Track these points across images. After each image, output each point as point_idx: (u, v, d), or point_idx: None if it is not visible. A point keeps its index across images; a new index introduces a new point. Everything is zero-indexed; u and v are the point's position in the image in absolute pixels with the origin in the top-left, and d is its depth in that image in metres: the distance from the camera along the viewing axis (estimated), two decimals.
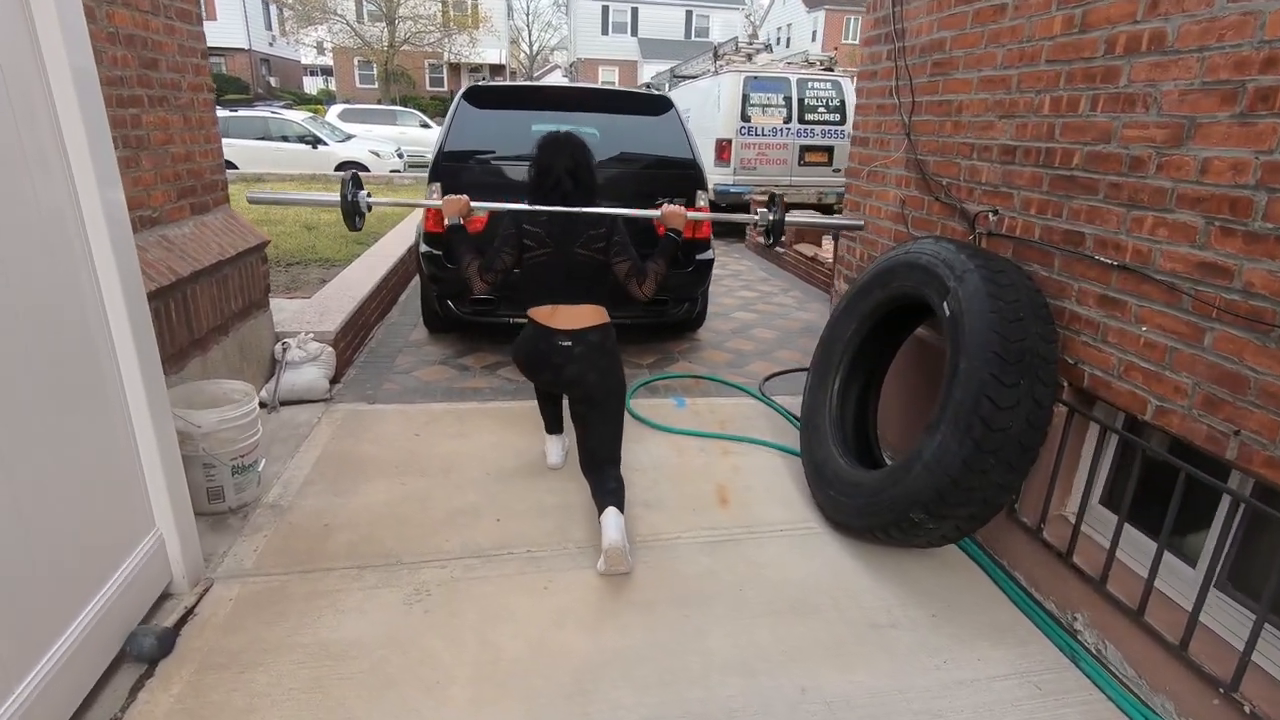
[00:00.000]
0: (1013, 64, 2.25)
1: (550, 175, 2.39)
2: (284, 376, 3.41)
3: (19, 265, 1.49)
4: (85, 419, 1.72)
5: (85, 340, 1.72)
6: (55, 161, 1.64)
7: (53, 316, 1.60)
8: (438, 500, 2.63)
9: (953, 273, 2.14)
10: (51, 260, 1.61)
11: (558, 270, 2.39)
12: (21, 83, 1.54)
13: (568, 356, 2.39)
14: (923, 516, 2.06)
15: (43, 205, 1.59)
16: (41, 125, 1.60)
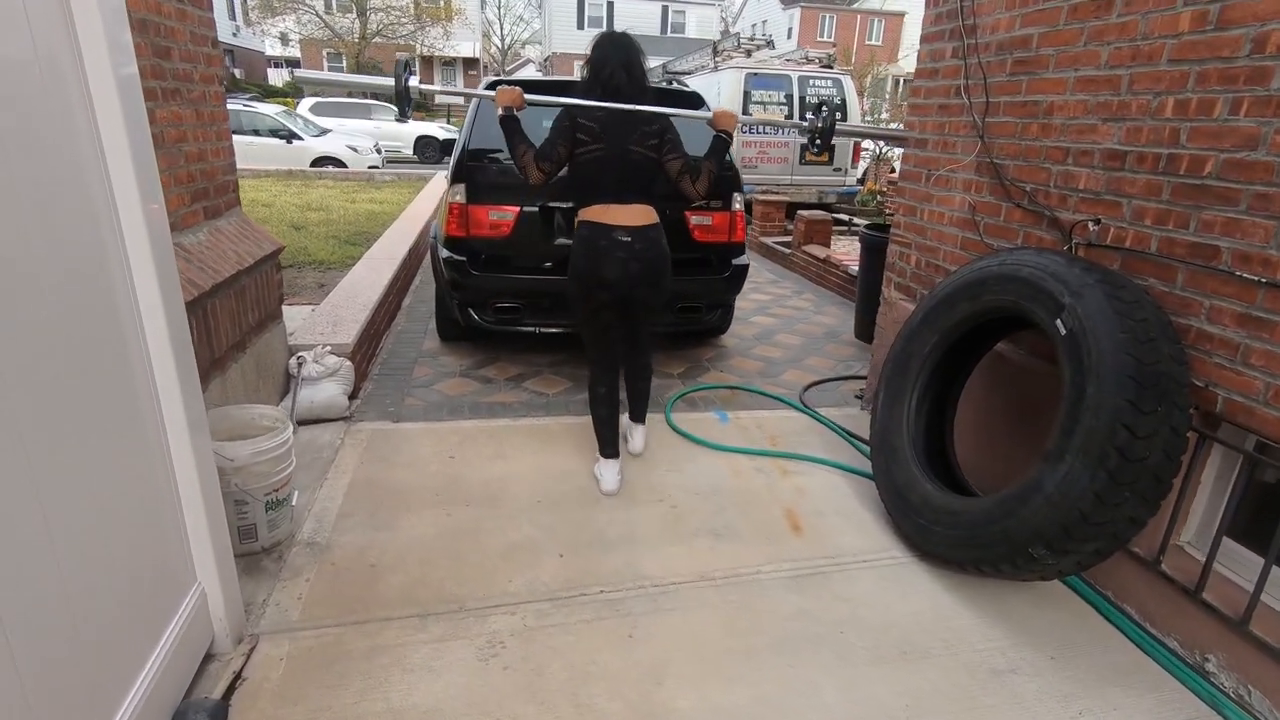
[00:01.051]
0: (1122, 63, 2.10)
1: (605, 68, 2.49)
2: (301, 393, 3.15)
3: (52, 280, 1.25)
4: (123, 458, 1.47)
5: (123, 366, 1.48)
6: (93, 168, 1.39)
7: (87, 340, 1.36)
8: (490, 533, 2.41)
9: (1067, 288, 1.99)
10: (86, 276, 1.37)
11: (612, 167, 2.48)
12: (58, 80, 1.29)
13: (630, 252, 2.48)
14: (1043, 552, 1.90)
15: (78, 213, 1.35)
16: (80, 128, 1.35)
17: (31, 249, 1.20)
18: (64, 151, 1.31)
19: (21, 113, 1.19)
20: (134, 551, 1.48)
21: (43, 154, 1.24)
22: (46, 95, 1.25)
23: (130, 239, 1.49)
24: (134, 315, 1.53)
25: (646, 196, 2.53)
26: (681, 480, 2.82)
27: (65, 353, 1.27)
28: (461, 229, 3.55)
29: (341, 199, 9.00)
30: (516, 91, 2.54)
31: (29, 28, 1.21)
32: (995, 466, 2.64)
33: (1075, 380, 1.90)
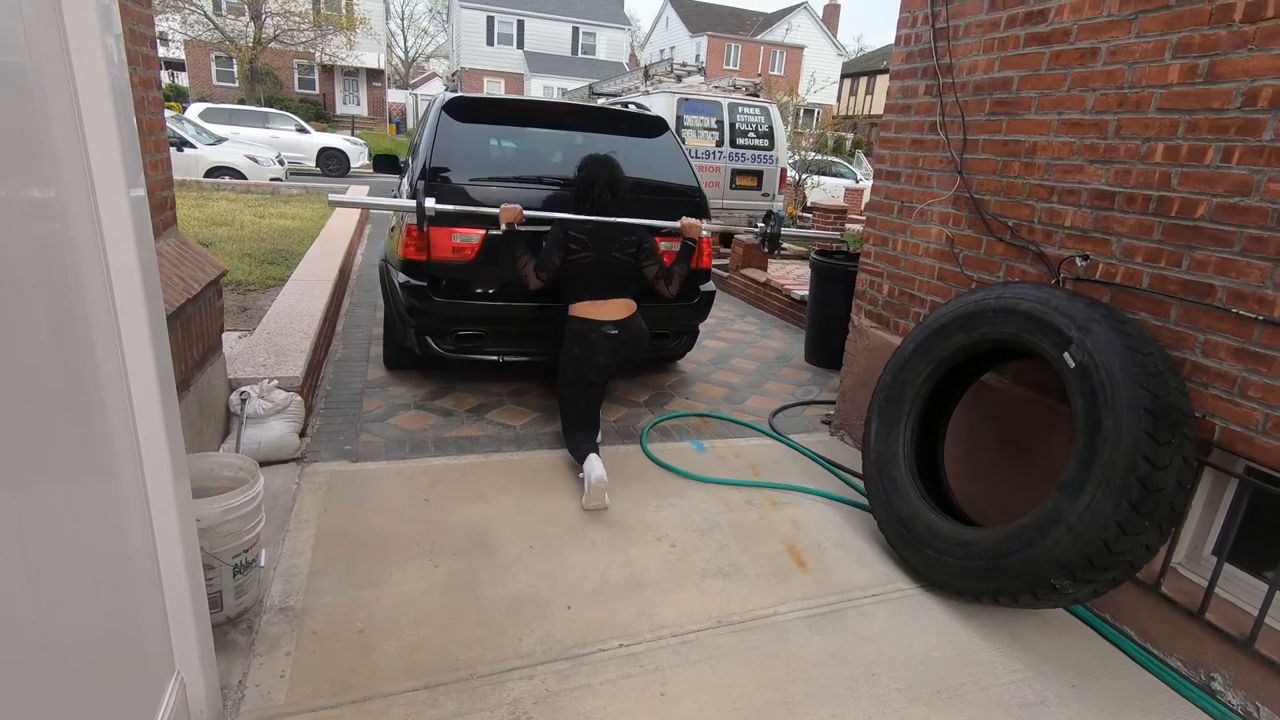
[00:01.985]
0: (1109, 109, 2.22)
1: (595, 188, 2.99)
2: (246, 433, 2.83)
3: (22, 291, 1.01)
4: (96, 511, 1.22)
5: (96, 393, 1.23)
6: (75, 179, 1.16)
7: (55, 359, 1.11)
8: (487, 585, 2.22)
9: (1073, 322, 2.05)
10: (62, 289, 1.13)
11: (598, 271, 2.96)
12: (49, 74, 1.06)
13: (618, 342, 2.95)
14: (1066, 582, 1.94)
15: (58, 224, 1.12)
16: (65, 125, 1.12)
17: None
18: (45, 153, 1.08)
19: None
20: (107, 636, 1.22)
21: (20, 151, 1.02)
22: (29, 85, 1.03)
23: (112, 243, 1.25)
24: (112, 331, 1.28)
25: (627, 292, 3.02)
26: (675, 517, 2.72)
27: (26, 375, 1.02)
28: (421, 253, 3.32)
29: (248, 213, 8.36)
30: (517, 209, 3.00)
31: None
32: (981, 493, 2.71)
33: (1090, 412, 1.95)
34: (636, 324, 3.01)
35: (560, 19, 34.23)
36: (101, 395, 1.24)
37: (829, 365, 4.76)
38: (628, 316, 2.97)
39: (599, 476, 2.67)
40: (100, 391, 1.24)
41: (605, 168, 3.01)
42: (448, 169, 3.38)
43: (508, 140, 3.81)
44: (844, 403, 3.60)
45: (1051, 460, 2.45)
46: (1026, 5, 2.50)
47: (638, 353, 3.07)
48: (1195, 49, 1.97)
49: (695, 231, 3.20)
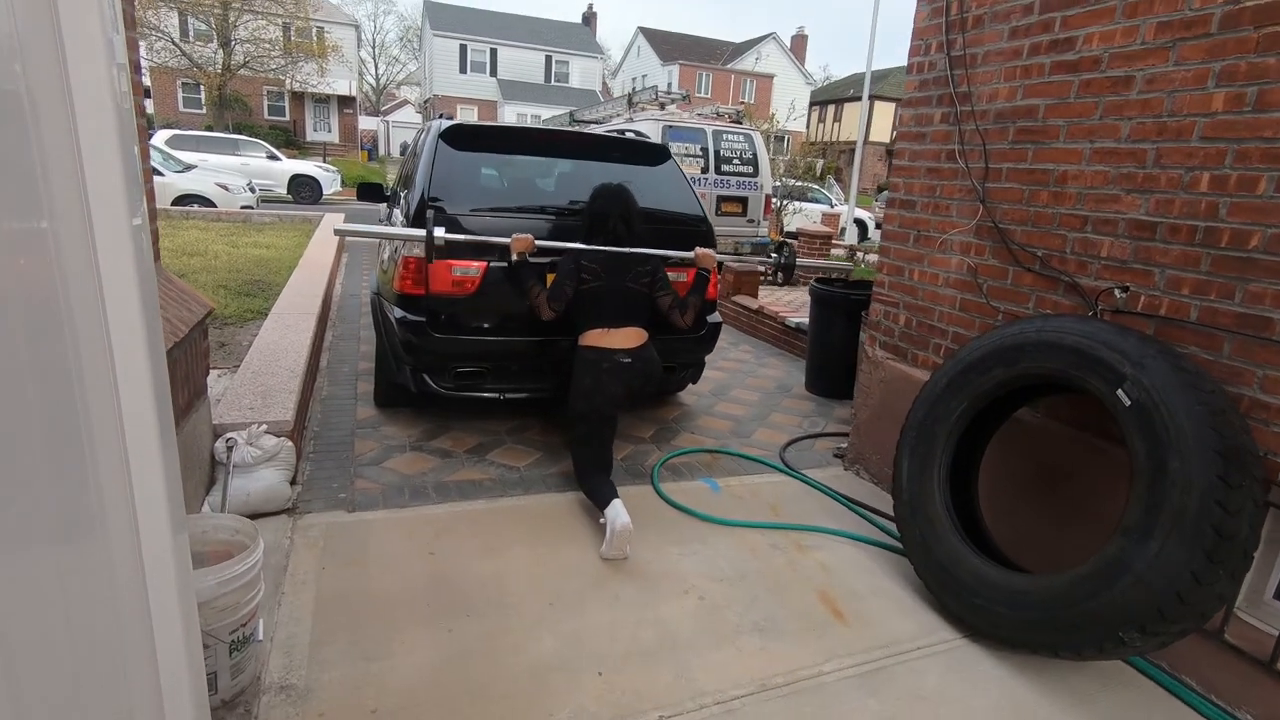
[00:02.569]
0: (1147, 137, 2.16)
1: (608, 220, 2.96)
2: (233, 484, 2.61)
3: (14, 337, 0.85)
4: (84, 577, 1.03)
5: (91, 465, 1.05)
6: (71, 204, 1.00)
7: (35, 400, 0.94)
8: (508, 651, 2.04)
9: (1126, 358, 1.97)
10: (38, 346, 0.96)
11: (611, 299, 2.90)
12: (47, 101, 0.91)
13: (632, 371, 2.87)
14: (1134, 635, 1.82)
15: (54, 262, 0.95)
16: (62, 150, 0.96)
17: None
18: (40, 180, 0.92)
19: None
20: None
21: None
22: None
23: (109, 280, 1.08)
24: (106, 371, 1.10)
25: (640, 321, 2.94)
26: (700, 565, 2.57)
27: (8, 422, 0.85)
28: (419, 286, 3.15)
29: (221, 242, 8.09)
30: (528, 239, 2.95)
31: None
32: (1014, 532, 2.60)
33: (1152, 454, 1.86)
34: (650, 353, 2.94)
35: (533, 47, 34.51)
36: (95, 447, 1.07)
37: (831, 395, 4.67)
38: (641, 345, 2.90)
39: (624, 524, 2.52)
40: (94, 444, 1.06)
41: (619, 200, 2.98)
42: (447, 200, 3.23)
43: (508, 169, 3.68)
44: (858, 436, 3.49)
45: (1093, 499, 2.36)
46: (1051, 33, 2.45)
47: (652, 383, 3.00)
48: (1241, 77, 1.92)
49: (709, 261, 3.16)
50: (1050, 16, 2.45)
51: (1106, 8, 2.27)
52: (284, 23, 25.38)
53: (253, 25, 24.37)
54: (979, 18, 2.73)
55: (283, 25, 25.49)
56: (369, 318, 5.84)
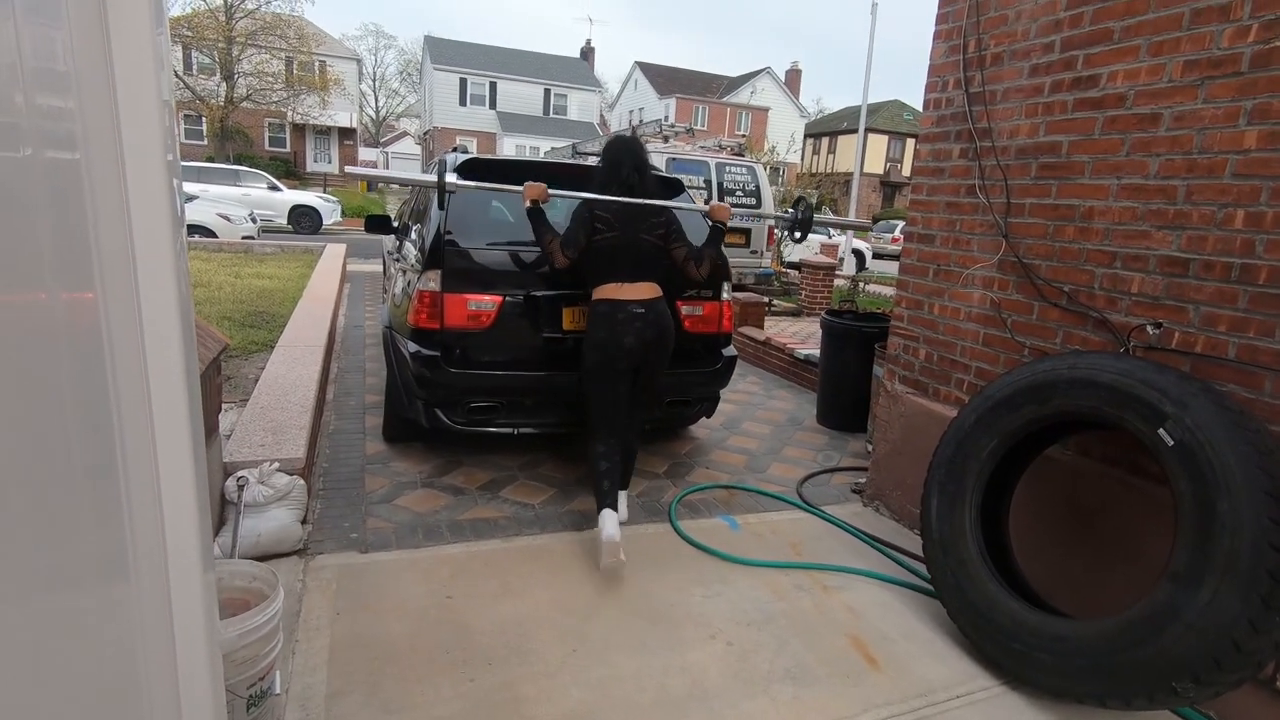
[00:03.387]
0: (1176, 174, 2.15)
1: (621, 169, 2.89)
2: (244, 524, 2.54)
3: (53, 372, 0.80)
4: (120, 645, 0.96)
5: (113, 496, 0.98)
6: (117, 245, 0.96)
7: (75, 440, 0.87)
8: (533, 702, 1.95)
9: (1165, 396, 1.93)
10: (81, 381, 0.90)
11: (625, 252, 2.83)
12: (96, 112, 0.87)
13: (645, 321, 2.80)
14: (1188, 685, 1.76)
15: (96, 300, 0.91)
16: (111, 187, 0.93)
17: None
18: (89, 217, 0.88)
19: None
20: None
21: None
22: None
23: (149, 312, 1.04)
24: (142, 406, 1.04)
25: (654, 276, 2.88)
26: (725, 608, 2.49)
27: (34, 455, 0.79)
28: (434, 320, 3.12)
29: (223, 273, 8.05)
30: (541, 187, 2.87)
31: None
32: (1045, 572, 2.53)
33: (1199, 495, 1.81)
34: (664, 309, 2.88)
35: (532, 81, 35.03)
36: (131, 491, 1.01)
37: (844, 428, 4.62)
38: (655, 298, 2.84)
39: (608, 537, 2.54)
40: (130, 487, 1.01)
41: (631, 149, 2.94)
42: (461, 233, 3.21)
43: (520, 202, 3.66)
44: (877, 472, 3.43)
45: (1128, 539, 2.30)
46: (1073, 71, 2.47)
47: (667, 340, 2.88)
48: (1275, 115, 1.92)
49: (724, 214, 3.02)
50: (1072, 55, 2.47)
51: (1130, 46, 2.28)
52: (287, 56, 25.75)
53: (256, 59, 24.72)
54: (998, 55, 2.75)
55: (285, 59, 25.87)
56: (374, 349, 5.80)
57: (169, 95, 1.09)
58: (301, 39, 25.28)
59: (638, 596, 2.52)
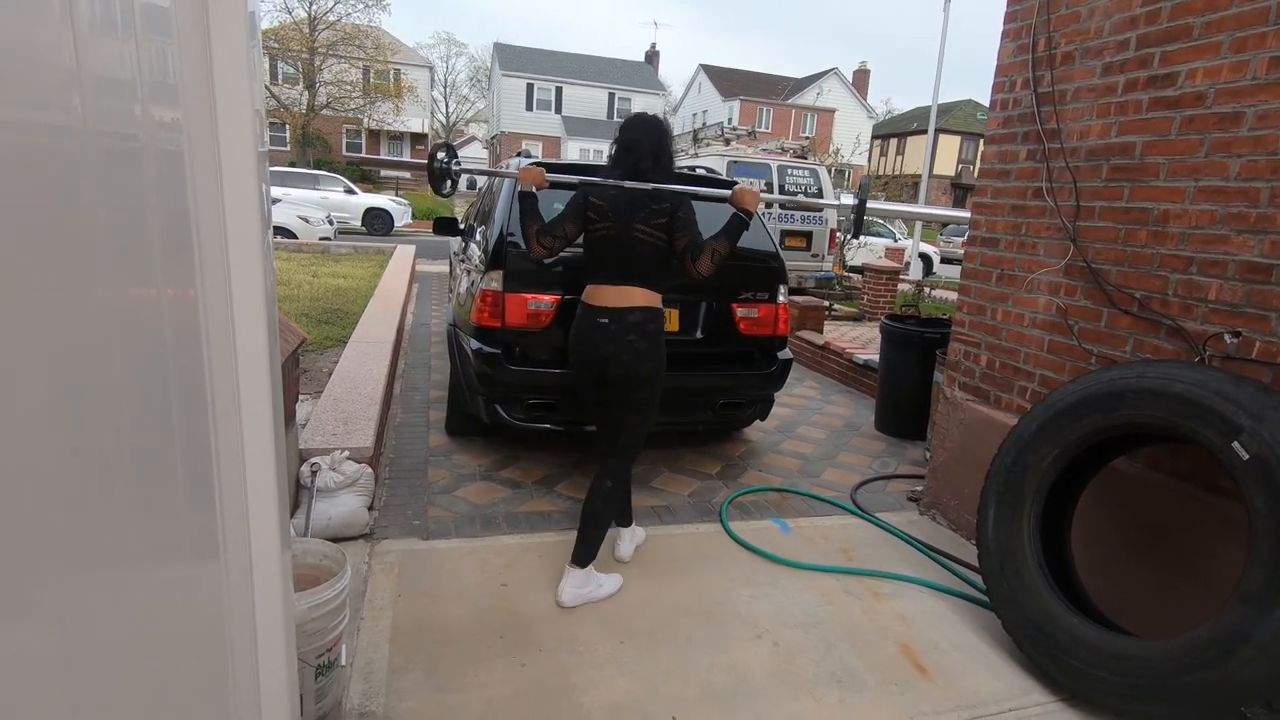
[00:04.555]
0: (1259, 176, 2.05)
1: (634, 152, 2.44)
2: (316, 508, 2.70)
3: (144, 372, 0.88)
4: (199, 592, 1.05)
5: (207, 476, 1.08)
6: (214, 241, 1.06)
7: (179, 423, 0.96)
8: (581, 689, 2.02)
9: (1241, 409, 1.85)
10: (184, 369, 1.00)
11: (613, 247, 2.42)
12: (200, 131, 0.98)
13: (604, 334, 2.38)
14: (1260, 711, 1.68)
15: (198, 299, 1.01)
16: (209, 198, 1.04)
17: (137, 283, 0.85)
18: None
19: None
20: None
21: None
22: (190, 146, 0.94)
23: (240, 306, 1.15)
24: (231, 388, 1.15)
25: (643, 279, 2.41)
26: (772, 609, 2.50)
27: (148, 439, 0.86)
28: (496, 319, 3.23)
29: (302, 273, 8.49)
30: (539, 171, 2.55)
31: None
32: (1108, 589, 2.44)
33: (1275, 512, 1.73)
34: (638, 321, 2.37)
35: (597, 85, 35.46)
36: (221, 472, 1.12)
37: (902, 435, 4.53)
38: (630, 308, 2.37)
39: (559, 602, 2.38)
40: (221, 468, 1.11)
41: (651, 130, 2.48)
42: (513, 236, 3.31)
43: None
44: (935, 480, 3.37)
45: (1200, 557, 2.20)
46: (1149, 69, 2.38)
47: (637, 358, 2.36)
48: None
49: (749, 200, 2.41)
50: (1148, 52, 2.38)
51: (1211, 43, 2.18)
52: (364, 65, 26.88)
53: (336, 69, 25.89)
54: (1069, 54, 2.67)
55: (363, 68, 27.00)
56: (439, 346, 6.02)
57: (260, 105, 1.20)
58: (378, 48, 26.38)
59: (686, 594, 2.55)
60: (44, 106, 0.60)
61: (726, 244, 2.37)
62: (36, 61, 0.59)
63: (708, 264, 2.36)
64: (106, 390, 0.73)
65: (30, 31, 0.56)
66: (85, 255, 0.69)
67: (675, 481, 3.60)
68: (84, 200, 0.68)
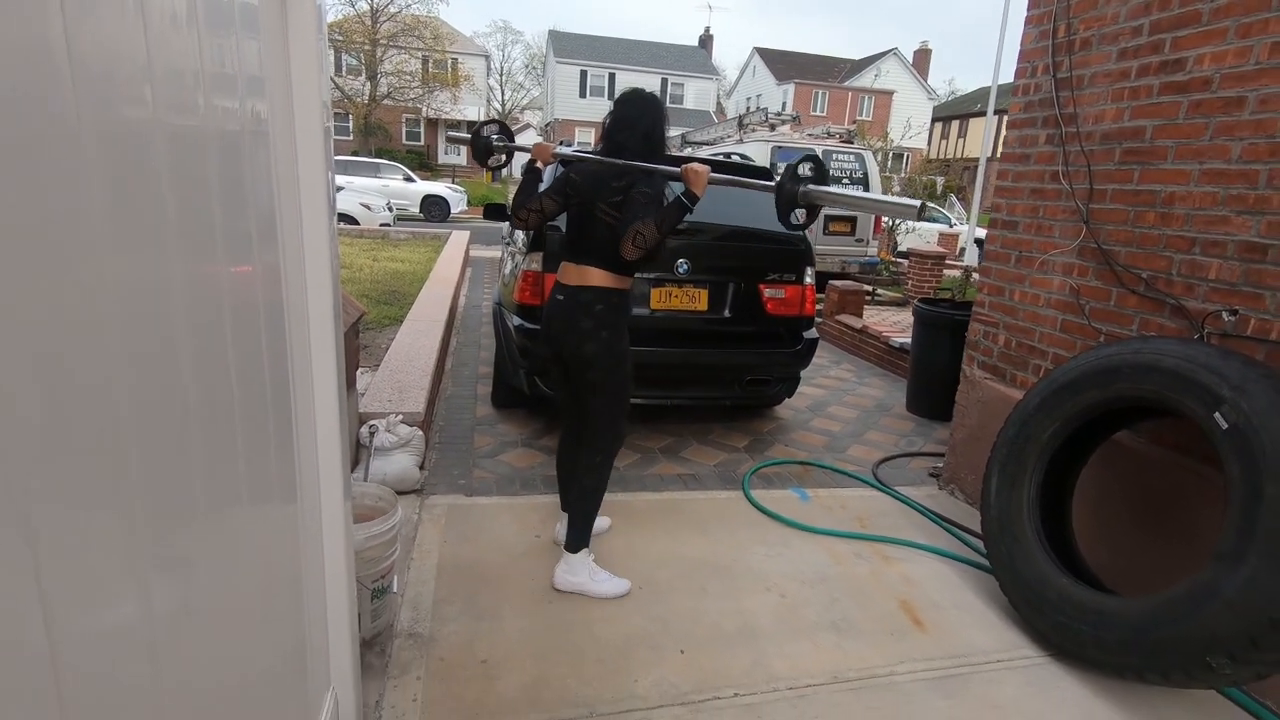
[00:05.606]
0: (1259, 159, 2.12)
1: (623, 130, 2.35)
2: (373, 465, 3.01)
3: (246, 337, 1.11)
4: (281, 532, 1.32)
5: (289, 415, 1.34)
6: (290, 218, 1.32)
7: (270, 381, 1.21)
8: (600, 624, 2.26)
9: (1225, 381, 1.94)
10: (273, 316, 1.25)
11: (577, 225, 2.42)
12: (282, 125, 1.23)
13: (555, 309, 2.39)
14: (1224, 661, 1.80)
15: (278, 270, 1.27)
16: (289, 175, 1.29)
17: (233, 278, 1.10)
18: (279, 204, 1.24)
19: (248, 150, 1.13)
20: (280, 648, 1.32)
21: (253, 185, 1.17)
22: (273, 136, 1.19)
23: (312, 276, 1.41)
24: (306, 359, 1.41)
25: (603, 260, 2.32)
26: (783, 566, 2.69)
27: (247, 396, 1.09)
28: (536, 297, 3.49)
29: (364, 257, 8.97)
30: (548, 147, 2.57)
31: (264, 91, 1.16)
32: (1111, 558, 2.55)
33: (1248, 478, 1.83)
34: (592, 299, 2.32)
35: (650, 71, 35.43)
36: (299, 424, 1.39)
37: (933, 416, 4.62)
38: (585, 286, 2.33)
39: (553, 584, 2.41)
40: (298, 420, 1.38)
41: (645, 109, 2.36)
42: (562, 219, 3.55)
43: None
44: (954, 456, 3.48)
45: (1195, 527, 2.29)
46: (1160, 54, 2.44)
47: (583, 339, 2.32)
48: None
49: (694, 179, 2.20)
50: (1160, 38, 2.44)
51: (1218, 29, 2.24)
52: (423, 55, 27.59)
53: (396, 59, 26.66)
54: (1086, 40, 2.74)
55: (422, 58, 27.73)
56: (488, 326, 6.35)
57: (327, 96, 1.45)
58: (436, 38, 27.05)
59: (704, 551, 2.77)
60: (180, 108, 0.85)
61: (654, 228, 2.16)
62: (179, 68, 0.83)
63: (629, 247, 2.17)
64: (223, 352, 0.99)
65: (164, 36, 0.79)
66: (209, 234, 0.94)
67: (703, 453, 3.80)
68: (209, 184, 0.92)
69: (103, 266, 0.66)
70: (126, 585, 0.72)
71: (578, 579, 2.43)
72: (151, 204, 0.77)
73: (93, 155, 0.63)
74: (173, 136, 0.82)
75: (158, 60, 0.76)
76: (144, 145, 0.75)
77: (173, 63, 0.82)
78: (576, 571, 2.44)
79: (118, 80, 0.69)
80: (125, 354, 0.72)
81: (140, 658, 0.74)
